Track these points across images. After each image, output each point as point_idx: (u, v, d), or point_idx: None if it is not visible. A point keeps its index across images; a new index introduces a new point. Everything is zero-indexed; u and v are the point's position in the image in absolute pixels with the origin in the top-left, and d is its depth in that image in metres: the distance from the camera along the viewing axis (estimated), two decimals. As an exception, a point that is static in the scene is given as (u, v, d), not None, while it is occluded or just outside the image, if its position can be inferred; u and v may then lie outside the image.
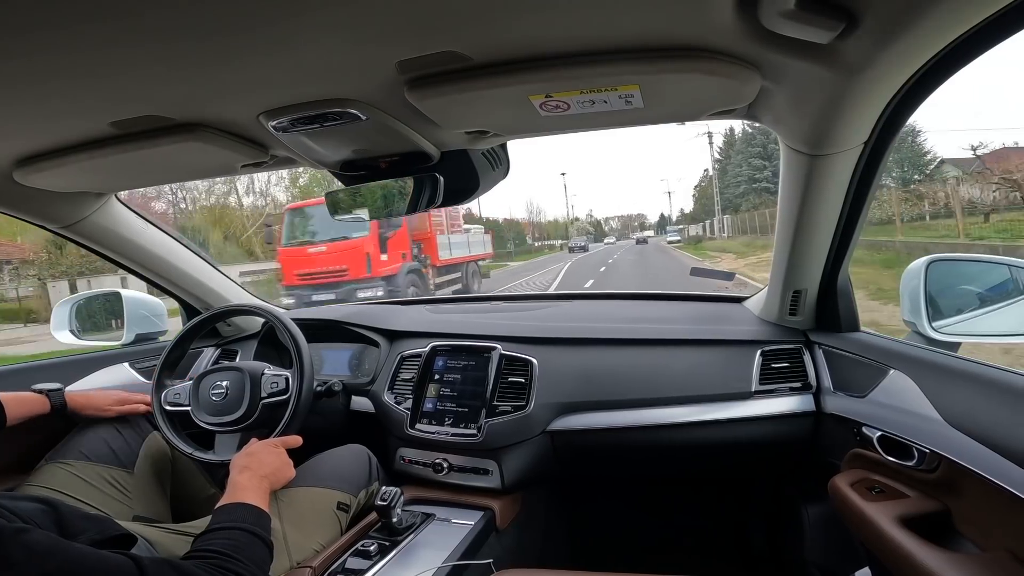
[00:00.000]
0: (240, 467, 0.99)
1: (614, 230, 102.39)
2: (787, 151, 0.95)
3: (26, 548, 0.59)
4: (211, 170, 1.17)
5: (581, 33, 0.67)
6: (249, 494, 0.92)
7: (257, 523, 0.86)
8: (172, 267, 1.55)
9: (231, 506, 0.89)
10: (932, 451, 0.84)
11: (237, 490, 0.93)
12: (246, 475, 0.97)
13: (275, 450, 1.08)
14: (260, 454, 1.05)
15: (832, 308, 1.22)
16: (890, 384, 1.00)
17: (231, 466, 1.01)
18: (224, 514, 0.87)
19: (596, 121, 0.90)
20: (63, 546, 0.63)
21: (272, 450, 1.07)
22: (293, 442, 1.14)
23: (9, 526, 0.60)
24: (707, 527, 1.74)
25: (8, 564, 0.57)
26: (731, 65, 0.72)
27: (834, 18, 0.58)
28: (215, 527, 0.83)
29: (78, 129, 0.89)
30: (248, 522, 0.85)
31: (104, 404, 1.24)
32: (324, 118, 0.85)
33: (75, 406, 1.20)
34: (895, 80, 0.71)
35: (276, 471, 1.04)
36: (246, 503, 0.89)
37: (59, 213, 1.28)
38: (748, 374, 1.27)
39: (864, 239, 1.16)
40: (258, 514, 0.88)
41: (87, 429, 1.19)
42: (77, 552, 0.64)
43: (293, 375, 1.26)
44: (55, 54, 0.62)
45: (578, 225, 76.62)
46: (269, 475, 1.01)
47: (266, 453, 1.05)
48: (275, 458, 1.06)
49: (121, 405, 1.26)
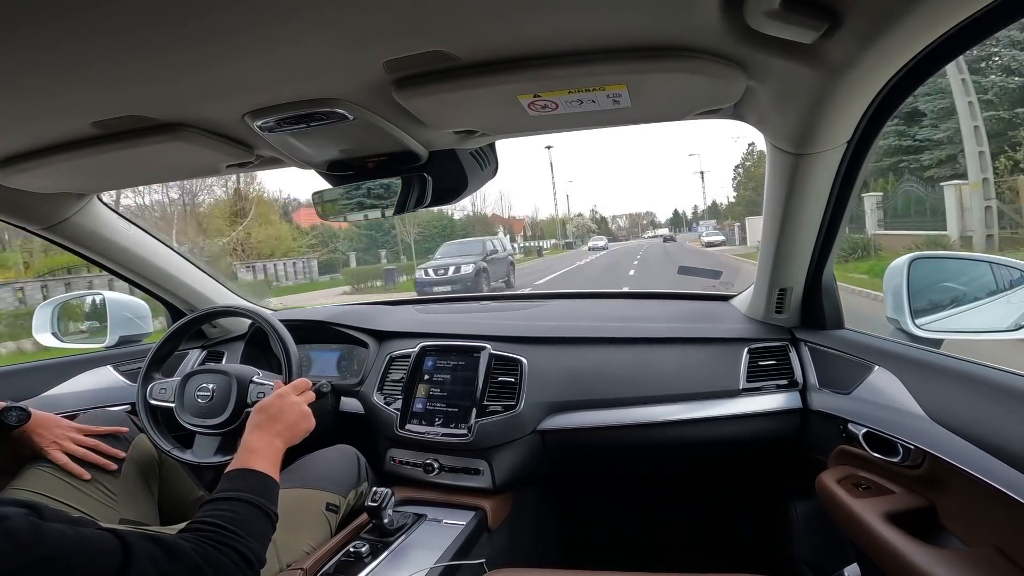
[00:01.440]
0: (253, 425, 0.93)
1: (622, 229, 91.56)
2: (772, 150, 0.96)
3: (8, 536, 0.58)
4: (195, 170, 1.16)
5: (569, 33, 0.67)
6: (258, 459, 0.87)
7: (263, 493, 0.82)
8: (156, 268, 1.53)
9: (237, 472, 0.84)
10: (917, 447, 0.85)
11: (246, 453, 0.88)
12: (257, 435, 0.91)
13: (291, 400, 1.00)
14: (274, 407, 0.97)
15: (817, 306, 1.24)
16: (874, 381, 1.01)
17: (247, 423, 0.96)
18: (228, 482, 0.83)
19: (584, 120, 0.90)
20: (45, 530, 0.61)
21: (288, 401, 1.00)
22: (304, 385, 1.08)
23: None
24: (696, 525, 1.76)
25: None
26: (717, 65, 0.72)
27: (818, 18, 0.59)
28: (218, 496, 0.80)
29: (59, 129, 0.87)
30: (253, 492, 0.81)
31: (61, 437, 1.11)
32: (311, 118, 0.84)
33: (28, 428, 1.10)
34: (878, 79, 0.72)
35: (293, 426, 0.97)
36: (253, 470, 0.85)
37: (40, 214, 1.25)
38: (735, 372, 1.28)
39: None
40: (264, 483, 0.84)
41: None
42: (59, 533, 0.62)
43: (281, 382, 1.24)
44: (31, 51, 0.60)
45: (578, 222, 66.95)
46: (284, 431, 0.95)
47: (281, 406, 0.98)
48: (292, 410, 0.98)
49: (79, 444, 1.10)
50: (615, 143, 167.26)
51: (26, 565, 0.57)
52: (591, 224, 73.37)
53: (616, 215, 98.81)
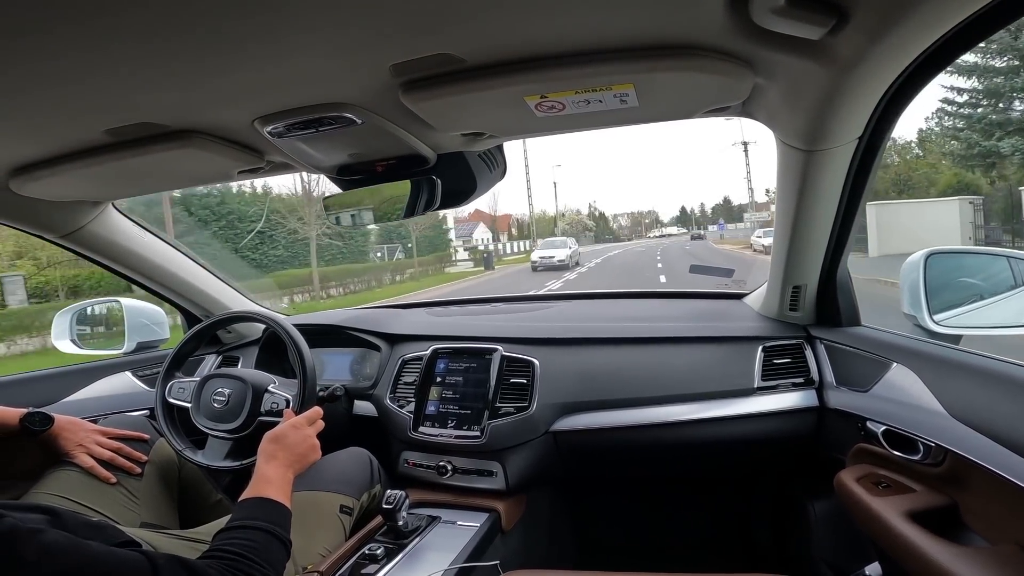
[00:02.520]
0: (267, 455, 0.96)
1: (624, 228, 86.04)
2: (782, 147, 0.95)
3: (41, 548, 0.59)
4: (207, 177, 1.17)
5: (574, 33, 0.67)
6: (272, 488, 0.90)
7: (277, 521, 0.84)
8: (171, 275, 1.55)
9: (252, 502, 0.87)
10: (937, 445, 0.83)
11: (261, 483, 0.91)
12: (271, 466, 0.94)
13: (302, 431, 1.03)
14: (288, 439, 1.00)
15: (832, 303, 1.22)
16: (892, 378, 1.00)
17: (259, 452, 0.98)
18: (244, 510, 0.85)
19: (592, 121, 0.90)
20: (76, 544, 0.63)
21: (299, 431, 1.03)
22: (316, 415, 1.10)
23: (23, 526, 0.60)
24: (711, 525, 1.74)
25: (22, 563, 0.57)
26: (724, 62, 0.72)
27: (825, 14, 0.58)
28: (234, 525, 0.82)
29: (72, 137, 0.89)
30: (268, 520, 0.83)
31: (87, 440, 1.14)
32: (319, 123, 0.85)
33: (54, 432, 1.13)
34: (888, 75, 0.71)
35: (303, 456, 1.00)
36: (268, 499, 0.88)
37: (56, 223, 1.27)
38: (750, 370, 1.27)
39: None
40: (279, 511, 0.87)
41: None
42: (92, 551, 0.63)
43: (294, 397, 1.25)
44: (45, 61, 0.61)
45: (573, 219, 59.72)
46: (294, 462, 0.98)
47: (293, 436, 1.01)
48: (302, 441, 1.02)
49: (103, 447, 1.14)
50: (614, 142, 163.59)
51: (53, 575, 0.59)
52: (588, 222, 67.70)
53: (617, 214, 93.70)
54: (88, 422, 1.20)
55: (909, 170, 22.20)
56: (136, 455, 1.18)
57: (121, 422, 1.25)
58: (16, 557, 0.57)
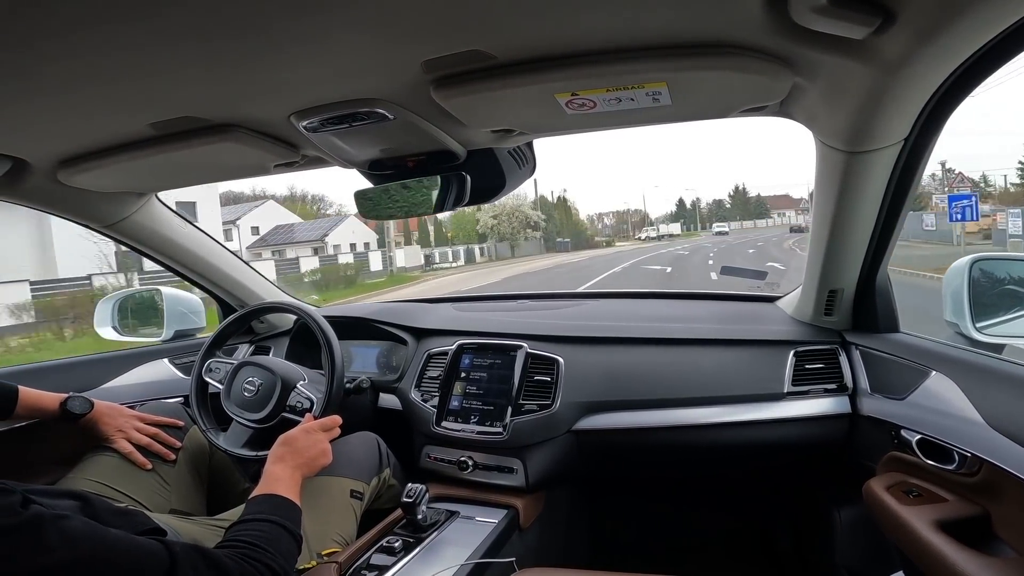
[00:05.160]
0: (276, 457, 1.00)
1: (607, 227, 69.50)
2: (822, 148, 0.92)
3: (63, 533, 0.62)
4: (245, 170, 1.21)
5: (606, 30, 0.66)
6: (281, 486, 0.94)
7: (286, 516, 0.88)
8: (210, 265, 1.60)
9: (262, 498, 0.91)
10: (973, 454, 0.81)
11: (270, 481, 0.95)
12: (280, 466, 0.98)
13: (313, 436, 1.07)
14: (298, 443, 1.04)
15: (870, 308, 1.19)
16: (931, 386, 0.97)
17: (269, 455, 1.02)
18: (255, 505, 0.89)
19: (623, 119, 0.89)
20: (99, 532, 0.66)
21: (310, 436, 1.06)
22: (332, 423, 1.13)
23: (49, 512, 0.63)
24: (732, 529, 1.71)
25: (44, 548, 0.60)
26: (761, 62, 0.70)
27: (870, 13, 0.56)
28: (246, 518, 0.86)
29: (118, 130, 0.93)
30: (278, 515, 0.87)
31: (126, 426, 1.19)
32: (352, 118, 0.86)
33: (94, 417, 1.18)
34: (937, 76, 0.68)
35: (312, 460, 1.03)
36: (277, 495, 0.91)
37: (102, 213, 1.33)
38: (780, 375, 1.24)
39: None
40: (288, 507, 0.90)
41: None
42: (112, 537, 0.66)
43: (319, 401, 1.27)
44: (94, 57, 0.64)
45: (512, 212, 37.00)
46: (303, 465, 1.01)
47: (304, 441, 1.05)
48: (312, 446, 1.05)
49: (141, 432, 1.19)
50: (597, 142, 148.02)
51: (73, 561, 0.62)
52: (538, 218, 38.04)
53: (602, 213, 76.68)
54: (127, 408, 1.25)
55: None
56: (171, 441, 1.22)
57: (158, 408, 1.30)
58: (40, 544, 0.60)
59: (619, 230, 66.86)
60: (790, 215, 68.57)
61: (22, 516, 0.61)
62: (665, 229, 56.66)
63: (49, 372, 1.41)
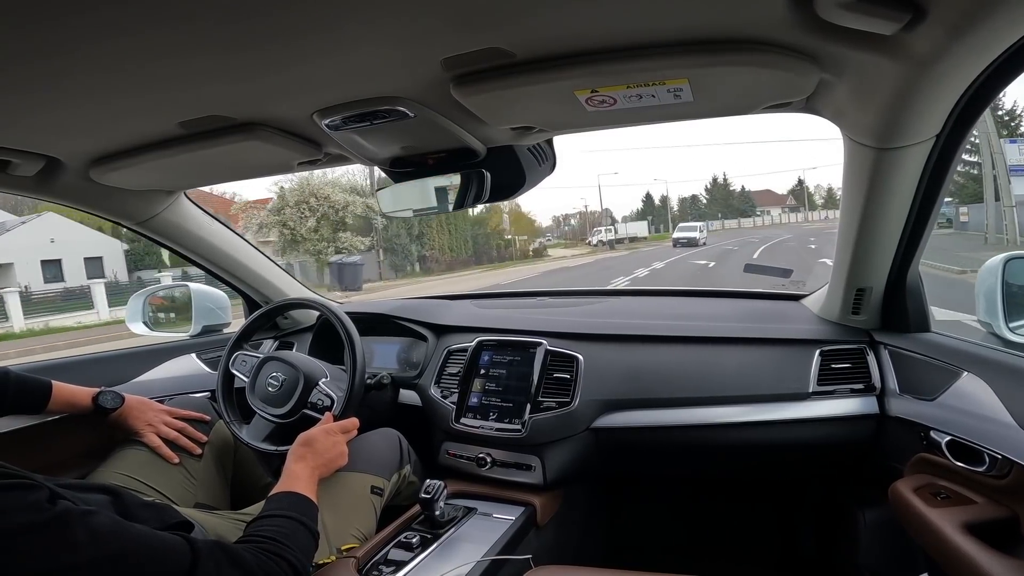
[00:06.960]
0: (296, 456, 1.03)
1: (572, 229, 59.11)
2: (850, 144, 0.90)
3: (90, 530, 0.63)
4: (270, 167, 1.23)
5: (627, 26, 0.66)
6: (300, 484, 0.96)
7: (305, 513, 0.90)
8: (236, 262, 1.63)
9: (282, 495, 0.93)
10: (1004, 456, 0.80)
11: (289, 479, 0.97)
12: (299, 465, 1.01)
13: (332, 438, 1.09)
14: (317, 444, 1.06)
15: (900, 307, 1.16)
16: (962, 387, 0.95)
17: (289, 453, 1.05)
18: (275, 502, 0.91)
19: (644, 115, 0.88)
20: (124, 528, 0.68)
21: (329, 438, 1.09)
22: (351, 425, 1.15)
23: (77, 508, 0.65)
24: (753, 529, 1.69)
25: (71, 546, 0.61)
26: (786, 57, 0.69)
27: (899, 9, 0.54)
28: (266, 514, 0.88)
29: (149, 129, 0.95)
30: (297, 511, 0.89)
31: (155, 420, 1.21)
32: (374, 116, 0.87)
33: (124, 411, 1.20)
34: (970, 71, 0.66)
35: (330, 462, 1.06)
36: (296, 492, 0.94)
37: (133, 210, 1.36)
38: (805, 374, 1.22)
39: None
40: (307, 504, 0.93)
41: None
42: (136, 533, 0.68)
43: (339, 400, 1.29)
44: (126, 59, 0.66)
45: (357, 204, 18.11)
46: (322, 465, 1.04)
47: (324, 442, 1.07)
48: (331, 447, 1.07)
49: (169, 427, 1.21)
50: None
51: (99, 558, 0.63)
52: (366, 209, 17.80)
53: (568, 214, 65.39)
54: (156, 402, 1.28)
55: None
56: (198, 436, 1.25)
57: (185, 403, 1.33)
58: (67, 540, 0.61)
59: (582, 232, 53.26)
60: (775, 213, 60.48)
61: (49, 513, 0.62)
62: (626, 230, 42.80)
63: (82, 366, 1.45)
